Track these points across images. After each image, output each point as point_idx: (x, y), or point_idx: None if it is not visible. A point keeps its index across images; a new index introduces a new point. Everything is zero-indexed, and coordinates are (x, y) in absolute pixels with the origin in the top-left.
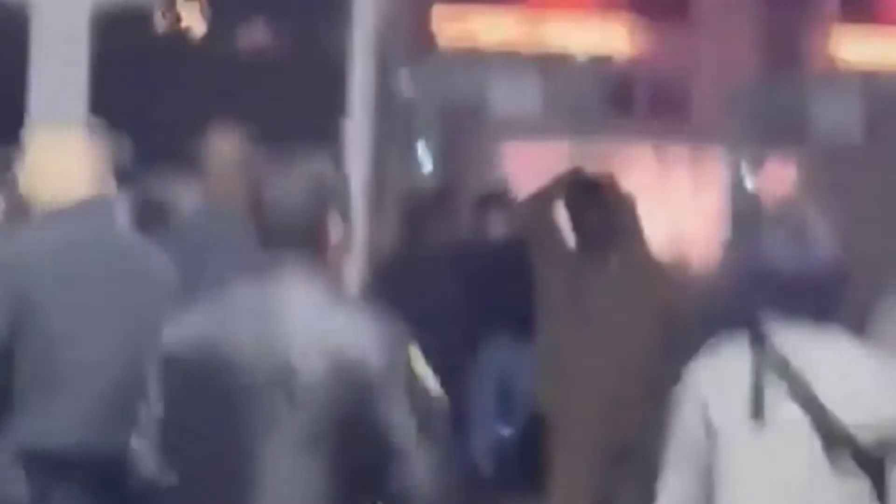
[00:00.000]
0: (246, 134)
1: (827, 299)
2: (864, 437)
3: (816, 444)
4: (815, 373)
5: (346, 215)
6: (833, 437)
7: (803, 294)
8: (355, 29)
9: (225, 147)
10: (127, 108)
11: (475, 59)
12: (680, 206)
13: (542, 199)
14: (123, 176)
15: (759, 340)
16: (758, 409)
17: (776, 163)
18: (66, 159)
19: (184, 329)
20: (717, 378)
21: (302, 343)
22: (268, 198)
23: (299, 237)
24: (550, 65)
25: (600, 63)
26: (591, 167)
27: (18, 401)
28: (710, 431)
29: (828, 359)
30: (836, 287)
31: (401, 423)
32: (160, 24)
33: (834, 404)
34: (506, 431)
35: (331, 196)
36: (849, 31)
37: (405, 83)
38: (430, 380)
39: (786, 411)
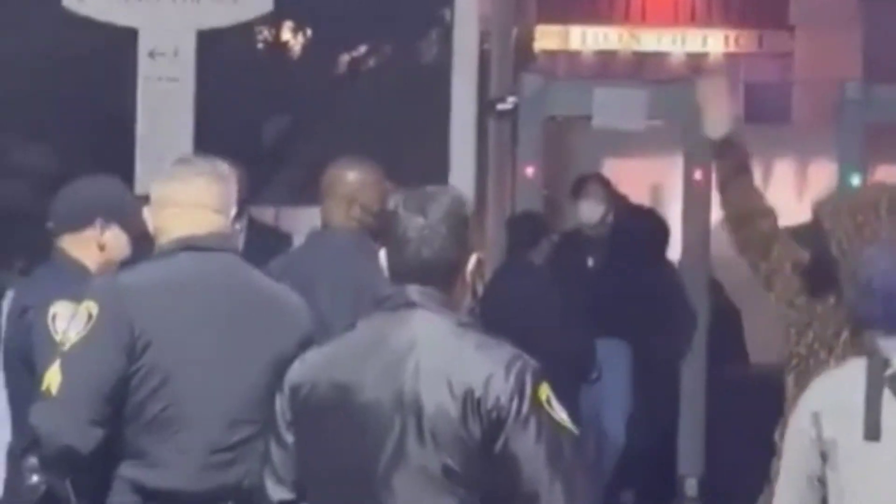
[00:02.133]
0: (377, 166)
1: None
2: None
3: None
4: None
5: (473, 249)
6: None
7: None
8: (457, 46)
9: (348, 176)
10: (232, 131)
11: (576, 74)
12: (787, 215)
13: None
14: (238, 203)
15: (873, 356)
16: (872, 425)
17: (884, 170)
18: (194, 192)
19: (313, 363)
20: (831, 393)
21: (431, 378)
22: (408, 235)
23: (435, 274)
24: (651, 77)
25: (700, 73)
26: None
27: (130, 441)
28: (822, 444)
29: None
30: None
31: (535, 460)
32: (260, 41)
33: None
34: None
35: (467, 234)
36: None
37: (507, 99)
38: (560, 414)
39: None
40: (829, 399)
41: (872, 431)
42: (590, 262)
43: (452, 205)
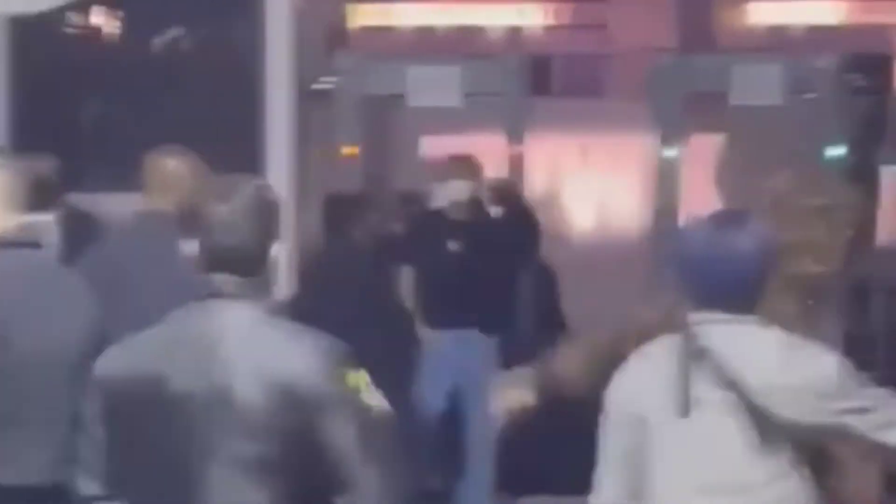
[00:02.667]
0: (194, 155)
1: (747, 292)
2: (785, 417)
3: (742, 425)
4: (737, 358)
5: (279, 238)
6: (757, 419)
7: (725, 286)
8: (269, 26)
9: (168, 165)
10: (47, 121)
11: (393, 52)
12: (605, 188)
13: None
14: (50, 193)
15: (683, 332)
16: (682, 401)
17: (699, 138)
18: None
19: (122, 356)
20: (643, 370)
21: (241, 369)
22: (212, 223)
23: (240, 262)
24: (468, 53)
25: (516, 46)
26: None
27: None
28: (638, 421)
29: (748, 345)
30: (759, 280)
31: (347, 446)
32: (72, 27)
33: (756, 387)
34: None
35: (272, 223)
36: (762, 2)
37: (323, 78)
38: (375, 398)
39: (711, 396)
40: (642, 376)
41: (682, 407)
42: (451, 245)
43: (256, 193)
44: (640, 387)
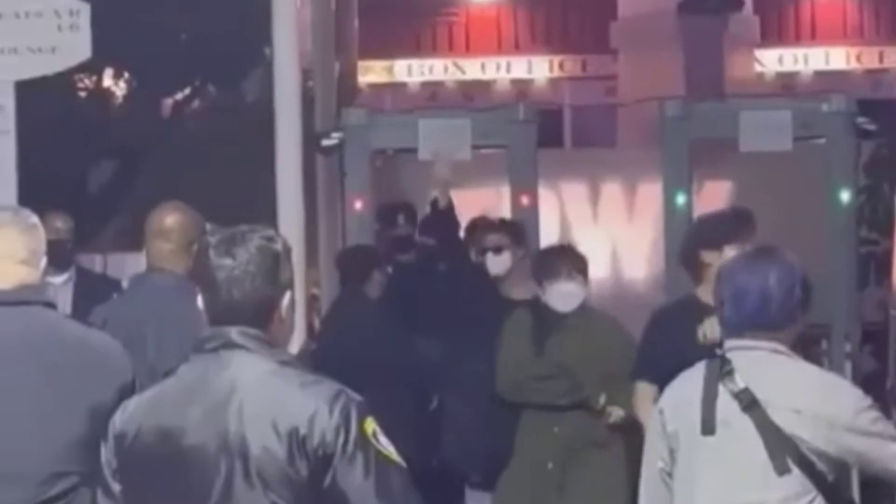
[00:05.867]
0: (197, 209)
1: (774, 321)
2: (804, 443)
3: (762, 448)
4: (761, 383)
5: (291, 287)
6: (776, 443)
7: (753, 314)
8: (278, 83)
9: (170, 220)
10: (57, 181)
11: (402, 106)
12: (617, 238)
13: None
14: (64, 252)
15: (712, 357)
16: (708, 421)
17: (710, 186)
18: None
19: (136, 410)
20: (676, 390)
21: (254, 419)
22: (217, 277)
23: (249, 314)
24: (477, 106)
25: (525, 99)
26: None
27: None
28: (668, 439)
29: (772, 371)
30: (786, 310)
31: (360, 494)
32: (83, 88)
33: (778, 414)
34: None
35: (279, 272)
36: (769, 49)
37: (332, 134)
38: (387, 447)
39: (735, 417)
40: (673, 396)
41: (708, 426)
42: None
43: (261, 243)
44: (671, 406)
